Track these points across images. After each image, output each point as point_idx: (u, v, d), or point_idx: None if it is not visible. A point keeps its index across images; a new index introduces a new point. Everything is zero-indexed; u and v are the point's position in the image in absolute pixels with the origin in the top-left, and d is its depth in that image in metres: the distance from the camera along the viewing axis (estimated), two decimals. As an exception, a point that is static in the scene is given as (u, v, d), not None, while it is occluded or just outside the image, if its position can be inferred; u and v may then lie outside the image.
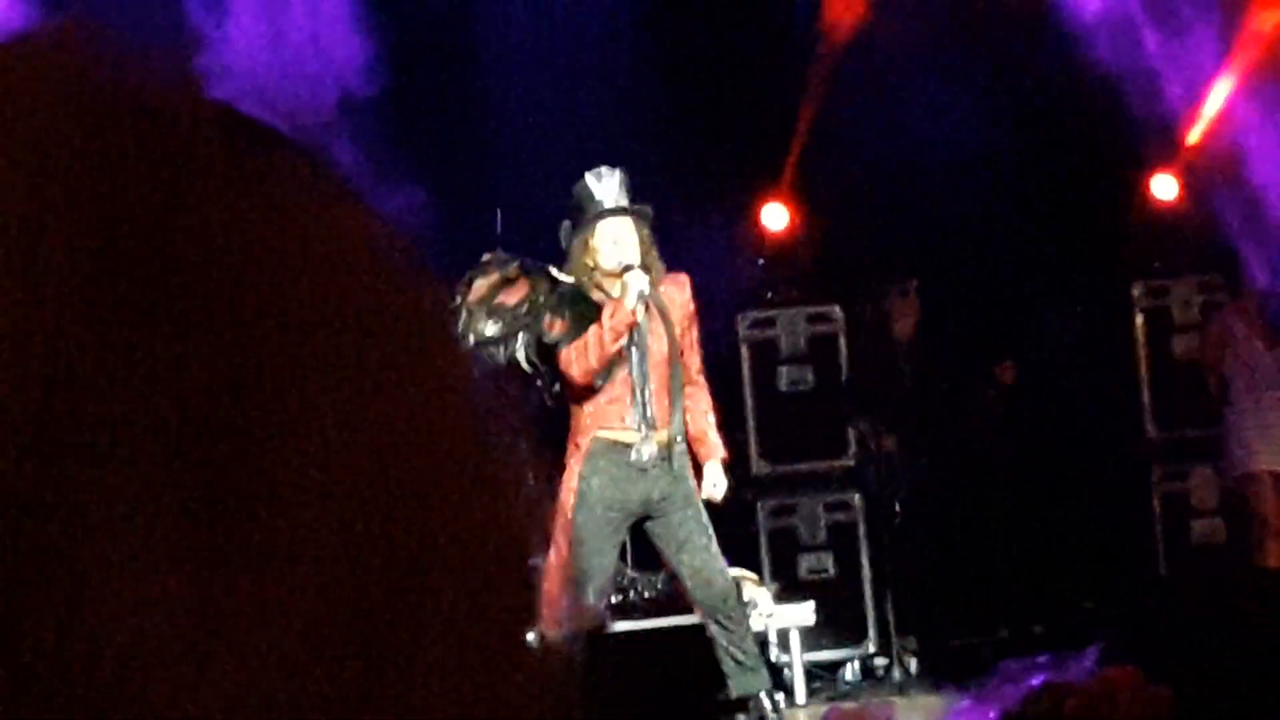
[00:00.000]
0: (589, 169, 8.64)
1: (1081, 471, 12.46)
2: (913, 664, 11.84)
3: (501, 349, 8.39)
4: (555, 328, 8.45)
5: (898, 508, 11.86)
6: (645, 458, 8.44)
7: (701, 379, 8.70)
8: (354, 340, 1.01)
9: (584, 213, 8.53)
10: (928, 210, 12.46)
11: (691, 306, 8.65)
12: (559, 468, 8.28)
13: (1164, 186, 13.02)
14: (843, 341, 12.34)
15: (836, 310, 12.38)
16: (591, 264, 8.50)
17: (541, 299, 8.46)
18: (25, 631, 0.94)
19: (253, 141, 1.04)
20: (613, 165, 8.64)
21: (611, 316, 8.37)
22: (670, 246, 8.84)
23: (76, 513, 0.95)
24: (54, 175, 0.98)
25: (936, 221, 12.45)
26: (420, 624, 1.00)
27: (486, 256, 8.52)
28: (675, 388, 8.47)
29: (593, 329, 8.39)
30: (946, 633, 12.00)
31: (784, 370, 12.35)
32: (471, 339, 8.21)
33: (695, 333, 8.68)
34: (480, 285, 8.40)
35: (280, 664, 0.96)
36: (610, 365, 8.41)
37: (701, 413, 8.66)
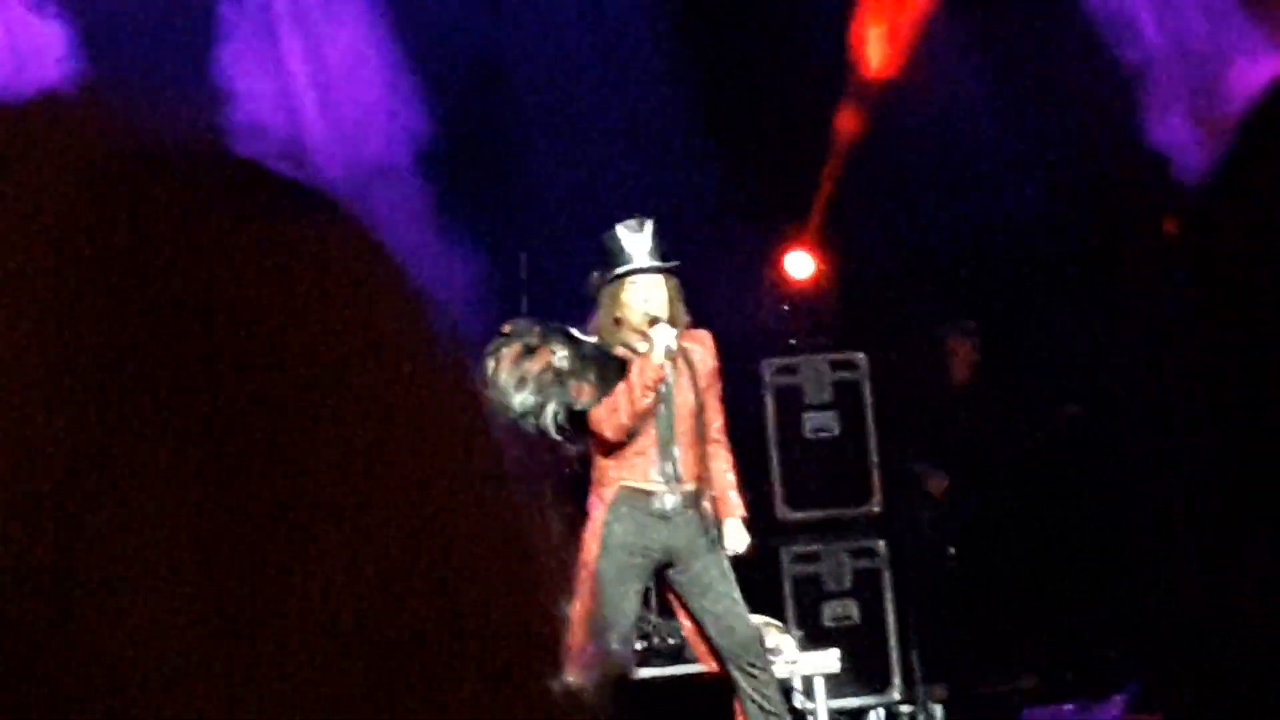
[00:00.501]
0: (615, 215, 8.62)
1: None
2: (939, 711, 11.80)
3: (533, 420, 8.33)
4: (583, 394, 8.39)
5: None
6: (669, 507, 8.42)
7: (723, 438, 8.67)
8: (381, 393, 1.02)
9: (614, 266, 8.48)
10: (955, 258, 12.46)
11: (713, 363, 8.62)
12: (582, 517, 8.26)
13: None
14: (867, 388, 12.33)
15: (861, 357, 12.37)
16: (618, 318, 8.47)
17: (565, 364, 8.40)
18: (54, 637, 0.95)
19: (281, 199, 1.05)
20: (640, 213, 8.62)
21: (641, 373, 8.34)
22: (696, 293, 8.82)
23: (107, 529, 0.96)
24: (84, 227, 1.00)
25: (964, 268, 12.45)
26: (445, 670, 1.01)
27: (506, 327, 8.43)
28: (701, 440, 8.46)
29: (622, 386, 8.35)
30: (973, 680, 11.95)
31: (808, 417, 12.34)
32: (502, 414, 8.13)
33: (717, 391, 8.65)
34: (504, 358, 8.33)
35: (299, 711, 0.97)
36: (640, 420, 8.39)
37: (721, 472, 8.63)
